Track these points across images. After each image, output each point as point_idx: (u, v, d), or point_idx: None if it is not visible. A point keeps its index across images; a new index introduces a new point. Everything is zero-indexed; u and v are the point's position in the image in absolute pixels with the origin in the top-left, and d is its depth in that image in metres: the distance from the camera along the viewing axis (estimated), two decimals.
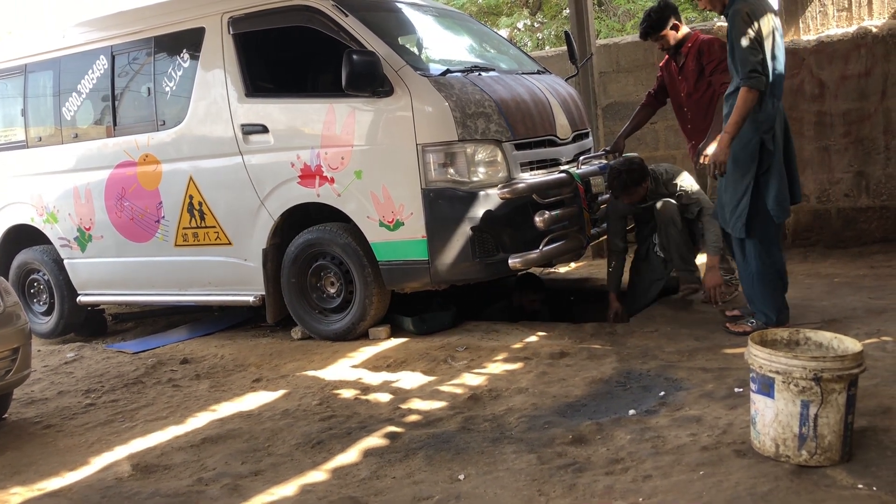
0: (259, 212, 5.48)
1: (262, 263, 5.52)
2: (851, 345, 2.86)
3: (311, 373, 4.67)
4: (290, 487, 3.06)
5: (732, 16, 4.10)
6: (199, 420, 4.03)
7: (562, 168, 5.19)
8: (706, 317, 4.92)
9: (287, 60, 5.87)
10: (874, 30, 6.36)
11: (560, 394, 3.85)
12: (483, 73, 5.33)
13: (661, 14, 5.16)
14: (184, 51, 5.70)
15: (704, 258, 5.09)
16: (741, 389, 3.60)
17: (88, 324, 6.87)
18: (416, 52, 5.78)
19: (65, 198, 6.35)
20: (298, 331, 5.61)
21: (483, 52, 6.20)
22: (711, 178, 4.78)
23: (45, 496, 3.28)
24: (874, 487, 2.53)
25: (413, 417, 3.70)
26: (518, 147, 5.11)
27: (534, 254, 4.82)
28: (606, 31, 14.81)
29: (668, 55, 5.37)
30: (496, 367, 4.38)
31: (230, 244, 5.69)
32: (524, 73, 5.75)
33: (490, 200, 4.84)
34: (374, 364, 4.72)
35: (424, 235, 4.92)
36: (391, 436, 3.48)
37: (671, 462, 2.89)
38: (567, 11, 12.23)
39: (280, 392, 4.37)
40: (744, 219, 4.24)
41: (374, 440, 3.45)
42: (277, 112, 5.34)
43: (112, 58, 6.06)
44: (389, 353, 4.90)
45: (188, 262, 5.94)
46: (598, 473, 2.89)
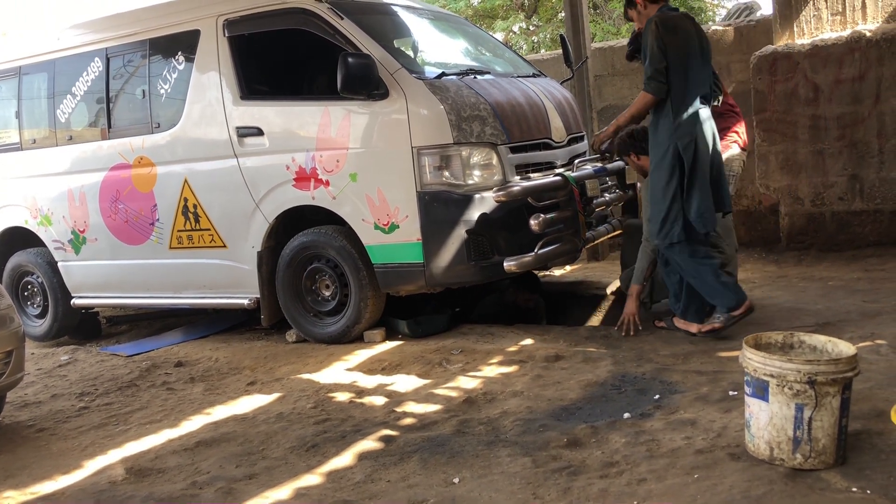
0: (254, 214, 5.47)
1: (257, 266, 5.51)
2: (846, 348, 2.87)
3: (306, 376, 4.66)
4: (285, 491, 3.05)
5: (646, 27, 4.43)
6: (194, 423, 4.01)
7: (557, 171, 5.20)
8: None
9: (282, 63, 5.87)
10: (868, 34, 6.38)
11: (555, 397, 3.85)
12: (478, 77, 5.34)
13: None
14: (179, 53, 5.69)
15: None
16: (735, 392, 3.61)
17: (82, 327, 6.85)
18: (412, 55, 5.79)
19: (59, 200, 6.33)
20: (293, 334, 5.60)
21: (478, 56, 6.21)
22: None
23: (39, 500, 3.27)
24: (868, 491, 2.53)
25: (408, 420, 3.70)
26: (513, 150, 5.11)
27: (529, 257, 4.82)
28: (602, 35, 14.85)
29: None
30: (491, 370, 4.38)
31: (225, 247, 5.68)
32: (519, 77, 5.76)
33: (485, 203, 4.84)
34: (369, 367, 4.72)
35: (419, 238, 4.92)
36: (386, 439, 3.47)
37: (666, 465, 2.89)
38: (562, 15, 12.24)
39: (274, 395, 4.36)
40: (680, 224, 4.36)
41: (369, 443, 3.45)
42: (272, 115, 5.33)
43: (107, 60, 6.05)
44: (384, 356, 4.89)
45: (183, 265, 5.93)
46: (593, 477, 2.88)
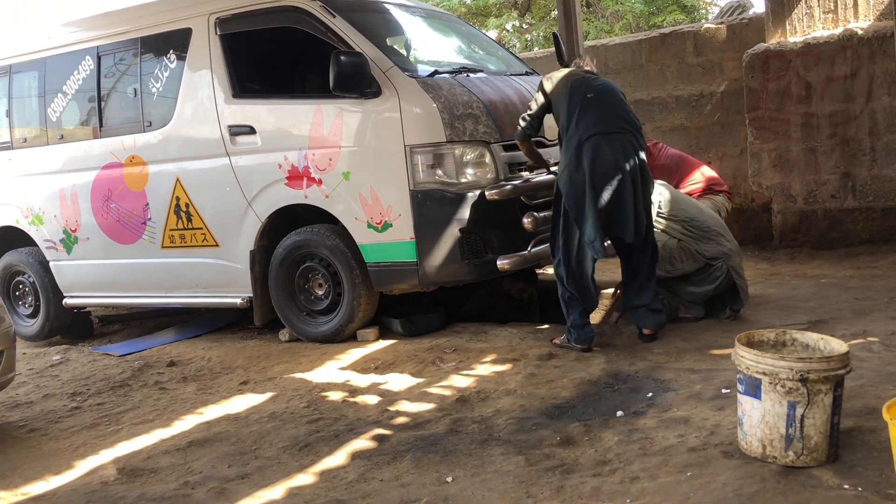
0: (246, 213, 5.45)
1: (250, 265, 5.50)
2: (837, 346, 2.87)
3: (299, 375, 4.65)
4: (277, 490, 3.04)
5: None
6: (186, 423, 4.00)
7: (550, 169, 5.19)
8: (694, 317, 4.93)
9: (274, 61, 5.85)
10: (860, 32, 6.40)
11: (548, 395, 3.84)
12: (471, 75, 5.34)
13: None
14: (170, 51, 5.66)
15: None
16: (728, 390, 3.61)
17: (74, 326, 6.82)
18: (404, 54, 5.77)
19: (50, 199, 6.30)
20: (286, 333, 5.59)
21: (471, 54, 6.20)
22: None
23: (30, 500, 3.25)
24: (859, 488, 2.54)
25: (401, 419, 3.69)
26: (506, 148, 5.10)
27: (522, 255, 4.82)
28: (595, 33, 14.86)
29: None
30: (484, 369, 4.38)
31: (217, 246, 5.66)
32: (512, 75, 5.75)
33: (478, 202, 4.83)
34: (363, 366, 4.71)
35: (413, 237, 4.91)
36: (379, 438, 3.47)
37: (659, 463, 2.90)
38: (555, 13, 12.25)
39: (267, 395, 4.35)
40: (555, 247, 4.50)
41: (362, 442, 3.44)
42: (265, 113, 5.31)
43: (98, 58, 6.02)
44: (378, 355, 4.89)
45: (175, 264, 5.91)
46: (586, 475, 2.88)
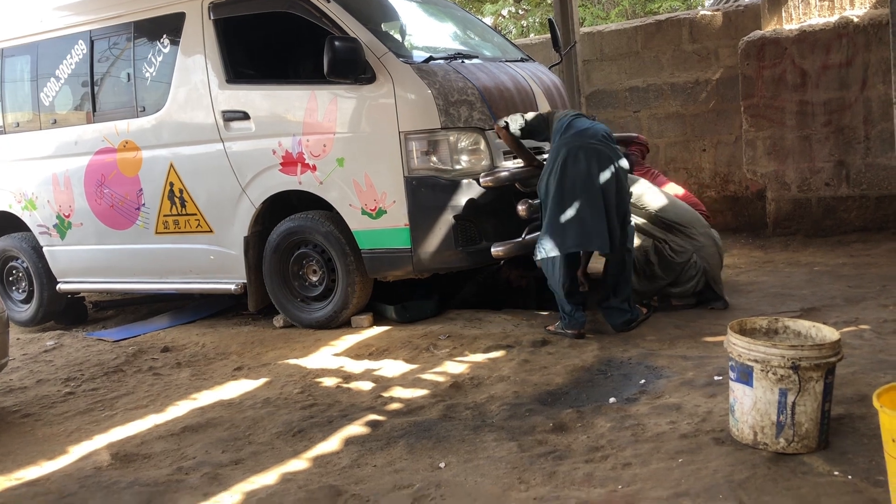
0: (240, 199, 5.44)
1: (244, 251, 5.49)
2: (829, 333, 2.88)
3: (293, 361, 4.66)
4: (271, 476, 3.05)
5: None
6: (180, 409, 4.01)
7: (545, 157, 5.18)
8: (686, 304, 4.95)
9: (268, 46, 5.83)
10: (856, 19, 6.39)
11: (541, 382, 3.86)
12: (466, 61, 5.32)
13: None
14: (164, 36, 5.63)
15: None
16: (720, 377, 3.63)
17: (68, 312, 6.82)
18: (399, 39, 5.75)
19: (43, 184, 6.28)
20: (280, 319, 5.59)
21: (466, 40, 6.18)
22: None
23: (23, 485, 3.25)
24: (850, 475, 2.56)
25: (394, 405, 3.70)
26: None
27: (516, 242, 4.82)
28: (591, 19, 14.81)
29: None
30: (478, 356, 4.39)
31: (211, 232, 5.65)
32: (507, 61, 5.74)
33: (473, 189, 4.83)
34: (357, 352, 4.71)
35: (407, 224, 4.91)
36: (372, 424, 3.48)
37: (650, 450, 2.91)
38: None
39: (261, 380, 4.36)
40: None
41: (356, 428, 3.45)
42: (259, 99, 5.29)
43: (91, 43, 5.99)
44: (372, 342, 4.89)
45: (169, 250, 5.90)
46: (578, 461, 2.90)
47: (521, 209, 4.77)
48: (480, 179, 4.77)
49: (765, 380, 2.74)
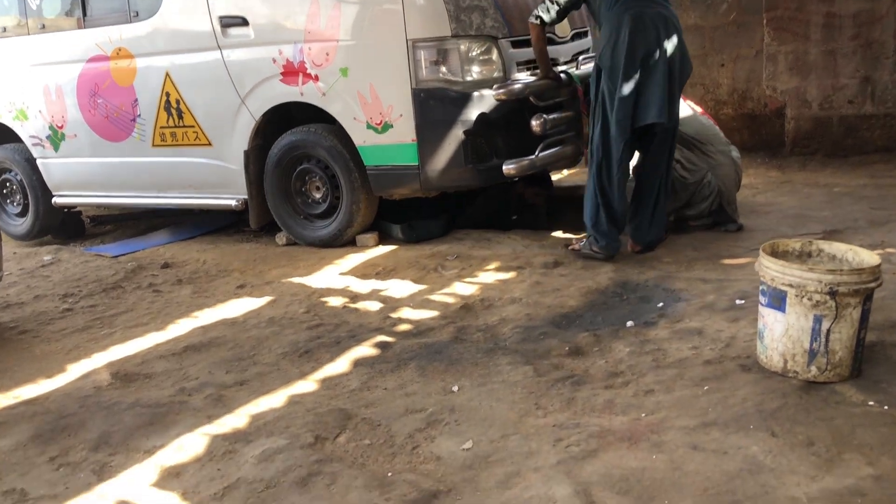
0: (240, 111, 5.20)
1: (244, 166, 5.29)
2: (868, 257, 2.73)
3: (297, 280, 4.52)
4: (277, 398, 2.94)
5: None
6: (181, 327, 3.88)
7: (560, 68, 4.92)
8: (703, 226, 4.78)
9: None
10: None
11: (555, 304, 3.72)
12: None
13: None
14: None
15: None
16: (743, 301, 3.50)
17: (65, 226, 6.65)
18: None
19: (34, 94, 6.01)
20: (283, 236, 5.44)
21: None
22: None
23: (21, 404, 3.15)
24: (885, 406, 2.44)
25: (404, 327, 3.58)
26: (514, 45, 4.83)
27: (529, 160, 4.61)
28: None
29: None
30: (488, 277, 4.25)
31: (210, 145, 5.44)
32: None
33: (484, 102, 4.59)
34: (363, 272, 4.57)
35: (414, 139, 4.69)
36: (382, 345, 3.36)
37: (673, 376, 2.79)
38: None
39: (265, 299, 4.23)
40: (591, 136, 4.22)
41: (365, 349, 3.33)
42: (258, 3, 4.98)
43: None
44: (378, 261, 4.75)
45: (166, 164, 5.69)
46: (598, 387, 2.78)
47: (536, 124, 4.54)
48: (493, 92, 4.52)
49: (799, 305, 2.59)
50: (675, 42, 4.03)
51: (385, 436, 2.57)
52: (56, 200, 6.24)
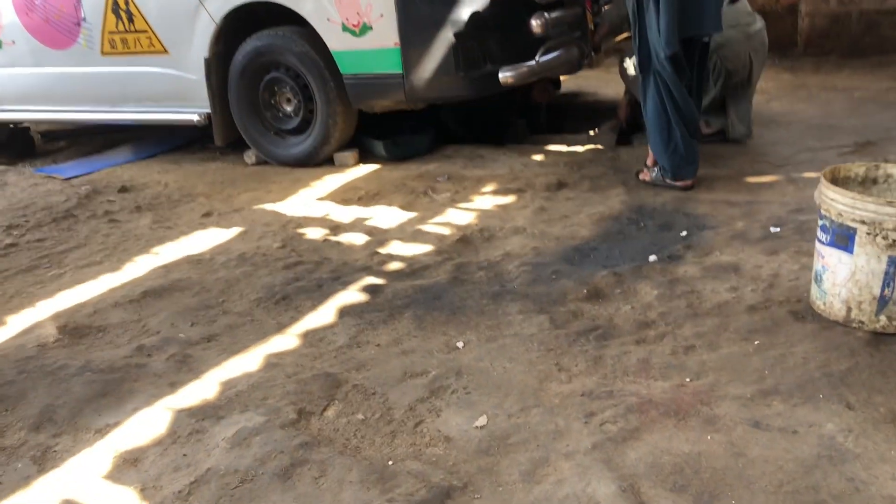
0: (197, 13, 4.59)
1: (206, 76, 4.71)
2: None
3: (270, 206, 4.04)
4: (252, 359, 2.50)
5: None
6: (140, 266, 3.40)
7: None
8: (715, 132, 4.33)
9: None
10: None
11: (564, 235, 3.29)
12: None
13: None
14: None
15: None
16: (778, 229, 3.09)
17: (13, 143, 6.05)
18: None
19: None
20: (252, 155, 4.92)
21: None
22: None
23: None
24: None
25: (395, 265, 3.13)
26: None
27: (529, 66, 4.07)
28: None
29: None
30: (485, 202, 3.79)
31: (166, 52, 4.83)
32: None
33: (477, 0, 4.02)
34: (343, 196, 4.09)
35: (397, 43, 4.13)
36: (371, 289, 2.91)
37: (716, 327, 2.39)
38: None
39: (234, 230, 3.75)
40: (636, 53, 3.62)
41: (351, 294, 2.89)
42: None
43: None
44: (360, 184, 4.26)
45: (118, 74, 5.08)
46: (627, 341, 2.38)
47: (536, 24, 4.00)
48: None
49: (871, 245, 2.17)
50: None
51: (382, 408, 2.16)
52: None
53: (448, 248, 3.25)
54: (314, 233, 3.59)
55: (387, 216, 3.71)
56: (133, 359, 2.58)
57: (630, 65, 4.26)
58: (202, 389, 2.35)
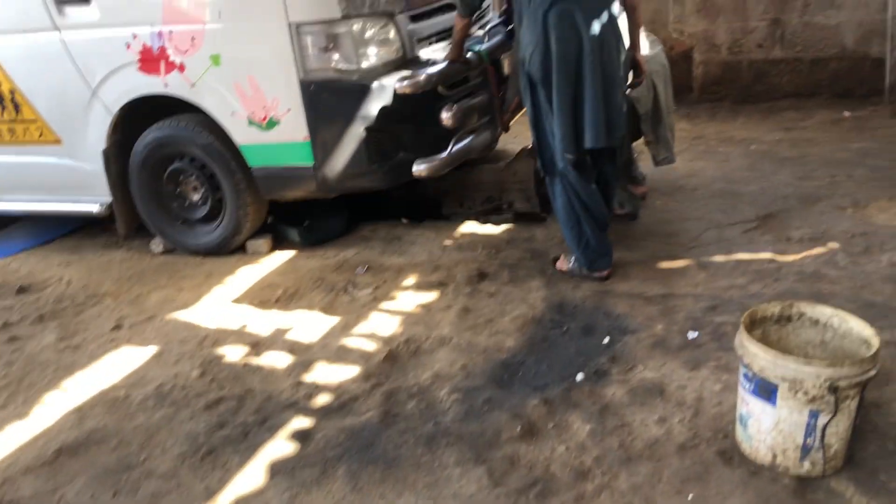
0: (91, 104, 4.38)
1: (105, 167, 4.51)
2: (857, 326, 2.41)
3: (184, 315, 3.89)
4: None
5: None
6: (50, 410, 3.19)
7: (467, 45, 4.32)
8: (627, 214, 4.43)
9: None
10: None
11: (490, 346, 3.30)
12: None
13: None
14: None
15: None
16: (696, 335, 3.19)
17: None
18: None
19: None
20: (159, 243, 4.75)
21: None
22: None
23: None
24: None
25: (322, 398, 3.06)
26: (413, 18, 4.20)
27: (441, 159, 4.05)
28: None
29: None
30: (408, 300, 3.76)
31: (59, 143, 4.61)
32: None
33: (385, 94, 3.96)
34: (261, 297, 3.98)
35: (307, 137, 4.06)
36: (300, 435, 2.84)
37: (650, 475, 2.43)
38: None
39: (149, 350, 3.59)
40: (539, 157, 3.72)
41: (280, 444, 2.80)
42: None
43: None
44: (276, 279, 4.16)
45: (8, 164, 4.82)
46: (567, 500, 2.39)
47: (446, 117, 3.96)
48: (396, 88, 3.88)
49: (793, 400, 2.26)
50: (611, 36, 3.42)
51: None
52: None
53: (375, 370, 3.21)
54: (233, 353, 3.47)
55: (308, 325, 3.63)
56: None
57: None
58: None
